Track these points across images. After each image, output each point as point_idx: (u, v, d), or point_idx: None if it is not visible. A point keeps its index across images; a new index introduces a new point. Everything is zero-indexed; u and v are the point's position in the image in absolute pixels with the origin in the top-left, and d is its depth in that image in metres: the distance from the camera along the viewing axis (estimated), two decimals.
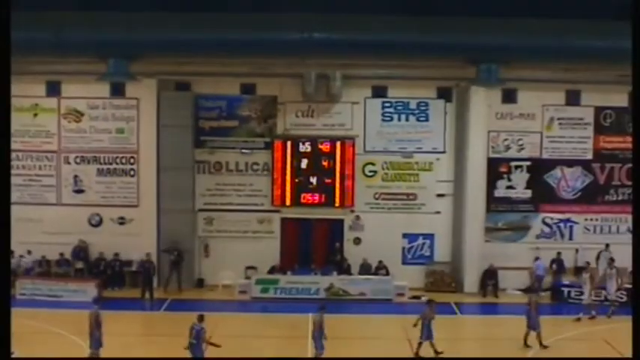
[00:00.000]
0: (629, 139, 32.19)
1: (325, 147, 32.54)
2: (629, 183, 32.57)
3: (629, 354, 22.74)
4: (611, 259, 30.06)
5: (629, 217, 32.36)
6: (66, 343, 24.20)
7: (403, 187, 33.03)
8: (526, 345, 24.81)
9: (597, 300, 29.09)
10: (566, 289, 30.84)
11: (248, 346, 24.63)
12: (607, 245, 31.88)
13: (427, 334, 23.62)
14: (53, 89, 32.38)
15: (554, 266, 32.07)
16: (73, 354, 22.89)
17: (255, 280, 31.41)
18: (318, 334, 22.57)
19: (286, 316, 28.94)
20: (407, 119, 32.94)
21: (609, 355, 24.31)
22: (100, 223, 32.83)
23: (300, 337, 25.84)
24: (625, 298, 29.51)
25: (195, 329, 21.70)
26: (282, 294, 31.07)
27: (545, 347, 24.65)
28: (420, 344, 23.69)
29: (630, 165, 32.56)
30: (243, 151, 32.82)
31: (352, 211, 33.05)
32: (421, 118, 32.93)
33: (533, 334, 24.77)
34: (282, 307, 29.89)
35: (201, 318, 21.91)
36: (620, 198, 33.00)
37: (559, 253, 32.23)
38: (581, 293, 29.64)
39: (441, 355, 23.53)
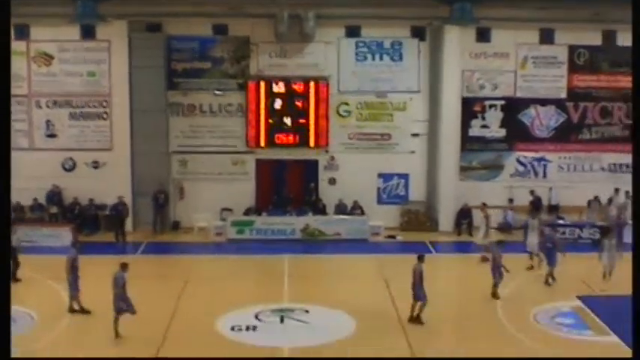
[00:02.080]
0: (603, 77, 32.43)
1: (299, 87, 32.37)
2: (603, 122, 32.79)
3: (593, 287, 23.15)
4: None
5: (603, 156, 32.84)
6: (41, 287, 24.19)
7: (377, 127, 32.98)
8: (547, 283, 25.40)
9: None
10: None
11: (224, 288, 24.71)
12: (617, 190, 32.08)
13: (499, 275, 23.82)
14: (21, 32, 31.78)
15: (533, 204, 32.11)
16: (49, 298, 22.91)
17: (231, 221, 31.42)
18: (419, 284, 21.57)
19: (262, 257, 29.04)
20: (381, 59, 32.76)
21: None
22: (73, 167, 32.62)
23: (276, 277, 25.98)
24: (598, 236, 29.90)
25: (117, 278, 20.24)
26: (257, 235, 31.13)
27: (554, 279, 25.44)
28: (495, 287, 23.89)
29: (604, 103, 32.82)
30: (217, 92, 32.59)
31: (327, 152, 33.01)
32: (395, 58, 32.76)
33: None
34: (258, 249, 29.98)
35: (124, 266, 20.48)
36: (593, 137, 33.12)
37: (532, 192, 32.35)
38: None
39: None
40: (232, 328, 21.11)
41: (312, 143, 32.63)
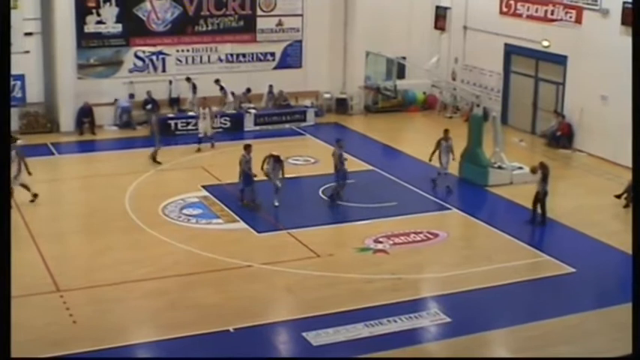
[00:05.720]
0: None
1: None
2: (218, 13, 33.24)
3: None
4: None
5: (219, 47, 33.49)
6: None
7: None
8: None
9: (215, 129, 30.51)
10: (172, 122, 31.23)
11: None
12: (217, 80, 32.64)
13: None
14: None
15: (148, 106, 31.98)
16: None
17: None
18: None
19: None
20: None
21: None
22: None
23: None
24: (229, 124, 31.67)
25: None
26: None
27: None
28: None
29: None
30: None
31: None
32: None
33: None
34: None
35: (248, 148, 23.53)
36: (209, 28, 33.46)
37: (149, 92, 32.16)
38: (188, 124, 30.58)
39: None
40: None
41: None
